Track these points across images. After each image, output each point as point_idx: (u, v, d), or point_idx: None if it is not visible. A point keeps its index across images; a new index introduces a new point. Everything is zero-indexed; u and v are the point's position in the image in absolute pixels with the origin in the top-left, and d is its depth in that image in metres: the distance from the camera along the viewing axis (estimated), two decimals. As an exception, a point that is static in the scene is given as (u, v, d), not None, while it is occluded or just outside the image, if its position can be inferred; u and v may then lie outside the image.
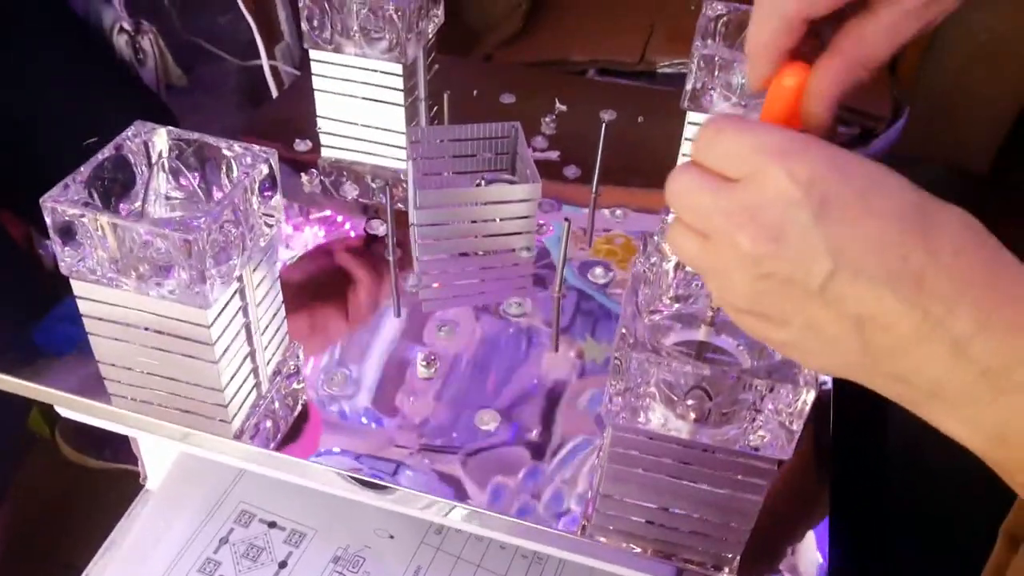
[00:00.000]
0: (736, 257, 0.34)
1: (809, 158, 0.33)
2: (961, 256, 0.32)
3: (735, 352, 0.47)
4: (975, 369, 0.32)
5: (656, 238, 0.47)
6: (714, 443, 0.43)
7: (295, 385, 0.60)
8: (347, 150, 0.76)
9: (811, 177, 0.33)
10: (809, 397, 0.40)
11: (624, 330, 0.42)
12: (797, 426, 0.41)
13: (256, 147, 0.51)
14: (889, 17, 0.38)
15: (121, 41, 0.95)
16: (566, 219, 0.55)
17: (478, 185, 0.62)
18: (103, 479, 1.10)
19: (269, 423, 0.57)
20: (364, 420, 0.57)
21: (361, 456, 0.55)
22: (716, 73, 0.66)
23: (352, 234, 0.73)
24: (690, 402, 0.42)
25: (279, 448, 0.56)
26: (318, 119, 0.75)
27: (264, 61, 1.08)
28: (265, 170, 0.50)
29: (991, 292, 0.32)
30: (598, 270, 0.67)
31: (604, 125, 0.65)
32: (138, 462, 0.73)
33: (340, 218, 0.74)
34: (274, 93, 1.11)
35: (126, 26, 0.94)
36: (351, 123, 0.75)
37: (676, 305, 0.48)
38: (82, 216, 0.46)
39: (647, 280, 0.46)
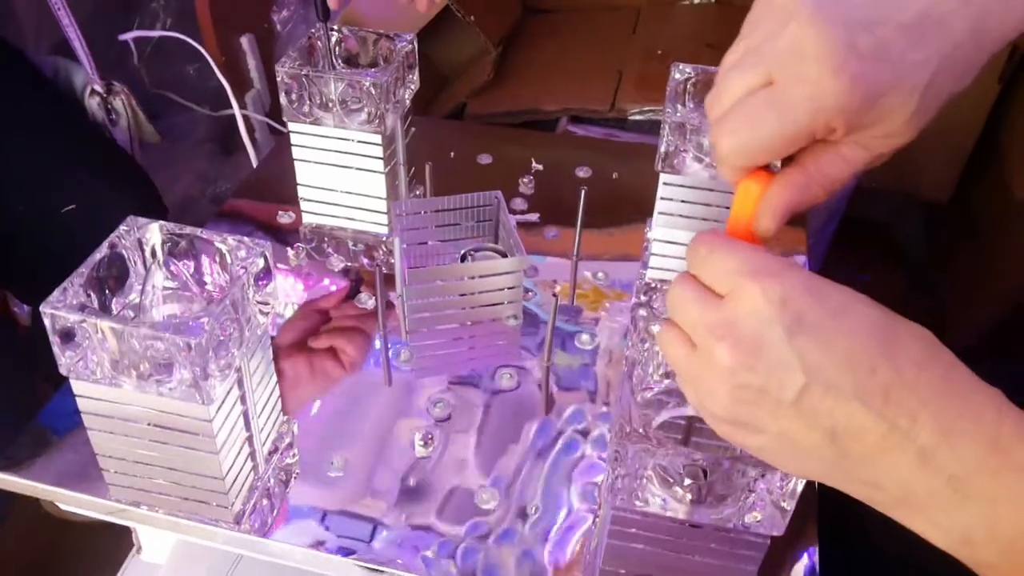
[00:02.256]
0: (716, 367, 0.37)
1: (784, 280, 0.36)
2: (923, 371, 0.35)
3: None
4: (941, 476, 0.34)
5: (643, 323, 0.48)
6: (710, 522, 0.45)
7: (288, 460, 0.61)
8: (328, 216, 0.77)
9: (784, 297, 0.36)
10: (800, 481, 0.42)
11: (621, 419, 0.44)
12: (789, 505, 0.43)
13: (248, 239, 0.52)
14: (849, 151, 0.40)
15: (93, 103, 0.95)
16: (555, 295, 0.57)
17: (464, 258, 0.63)
18: (89, 533, 1.09)
19: (265, 500, 0.58)
20: (362, 498, 0.58)
21: (328, 513, 0.56)
22: (688, 136, 0.68)
23: (333, 286, 0.74)
24: (688, 482, 0.44)
25: (276, 523, 0.57)
26: (298, 187, 0.76)
27: (236, 111, 1.08)
28: (260, 263, 0.51)
29: (951, 404, 0.35)
30: (584, 336, 0.69)
31: (583, 192, 0.67)
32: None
33: (326, 280, 0.75)
34: (246, 141, 1.11)
35: (98, 88, 0.94)
36: (331, 190, 0.76)
37: (666, 381, 0.50)
38: (82, 321, 0.46)
39: (639, 362, 0.48)
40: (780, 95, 0.38)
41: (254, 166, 1.06)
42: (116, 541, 0.76)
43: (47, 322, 0.47)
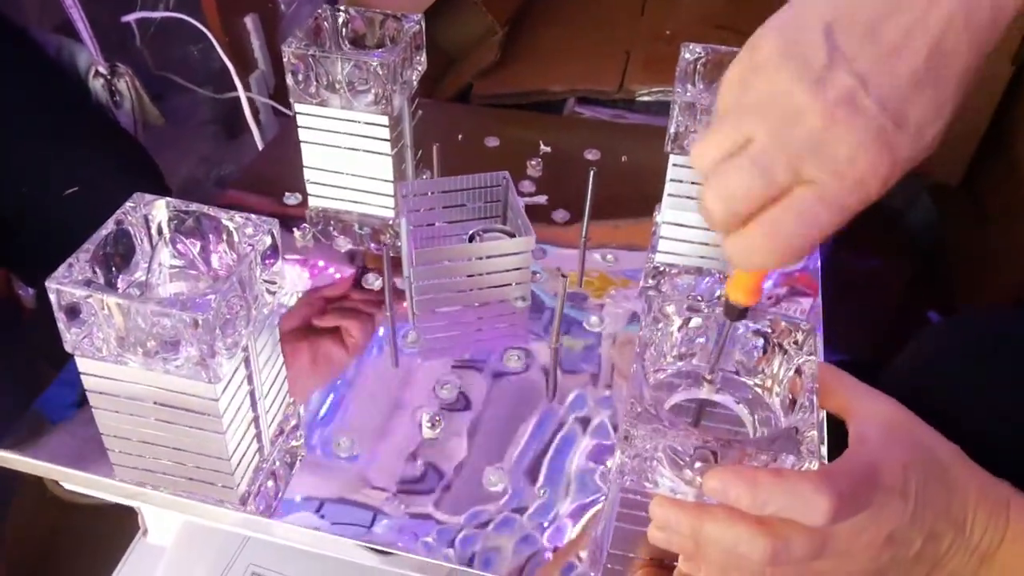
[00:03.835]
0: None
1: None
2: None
3: (735, 409, 0.48)
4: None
5: (656, 304, 0.48)
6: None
7: (294, 442, 0.60)
8: (335, 199, 0.77)
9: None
10: (812, 467, 0.41)
11: (632, 399, 0.43)
12: (801, 489, 0.43)
13: (255, 217, 0.51)
14: None
15: (97, 84, 0.94)
16: (563, 275, 0.56)
17: (472, 239, 0.63)
18: (95, 516, 1.09)
19: (271, 483, 0.58)
20: (369, 480, 0.58)
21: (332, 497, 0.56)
22: (698, 117, 0.67)
23: (339, 275, 0.74)
24: (698, 465, 0.44)
25: (279, 504, 0.57)
26: (305, 169, 0.76)
27: (241, 92, 1.07)
28: (268, 241, 0.51)
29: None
30: (593, 319, 0.68)
31: (592, 174, 0.66)
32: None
33: (332, 269, 0.75)
34: (251, 124, 1.10)
35: (102, 70, 0.93)
36: (338, 173, 0.75)
37: (679, 363, 0.50)
38: (88, 297, 0.46)
39: (652, 342, 0.48)
40: (830, 195, 0.36)
41: (259, 148, 1.06)
42: (122, 524, 0.75)
43: (53, 298, 0.46)
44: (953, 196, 1.19)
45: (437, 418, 0.61)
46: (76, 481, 0.57)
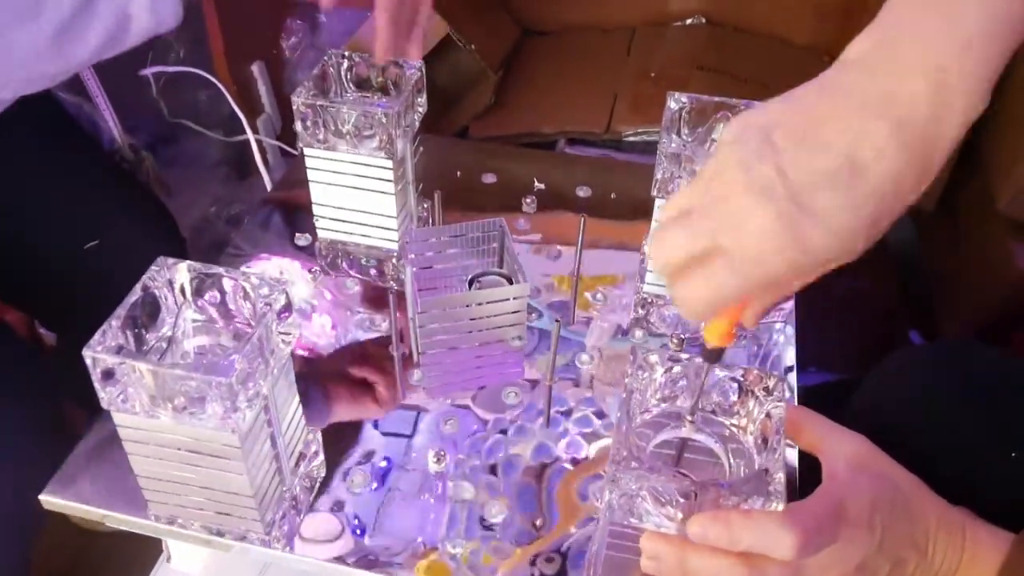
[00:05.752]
0: None
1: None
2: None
3: (714, 447, 0.53)
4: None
5: (641, 353, 0.52)
6: (700, 537, 0.49)
7: (312, 466, 0.65)
8: (342, 232, 0.81)
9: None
10: (779, 508, 0.45)
11: (618, 444, 0.48)
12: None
13: (270, 277, 0.56)
14: None
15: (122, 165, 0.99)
16: (556, 320, 0.61)
17: (471, 284, 0.67)
18: (119, 542, 1.12)
19: (293, 508, 0.63)
20: (370, 510, 0.63)
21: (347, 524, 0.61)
22: (682, 164, 0.71)
23: (349, 296, 0.78)
24: (680, 501, 0.48)
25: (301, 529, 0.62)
26: (314, 206, 0.80)
27: (250, 136, 1.12)
28: (282, 300, 0.55)
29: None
30: (584, 356, 0.73)
31: (583, 221, 0.71)
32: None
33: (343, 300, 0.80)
34: (260, 167, 1.15)
35: (126, 155, 0.98)
36: (344, 209, 0.79)
37: (663, 405, 0.54)
38: (122, 363, 0.50)
39: (637, 389, 0.52)
40: (736, 264, 0.42)
41: (267, 188, 1.10)
42: (145, 549, 0.79)
43: (89, 363, 0.51)
44: (930, 220, 1.23)
45: (442, 452, 0.65)
46: (114, 521, 0.62)
